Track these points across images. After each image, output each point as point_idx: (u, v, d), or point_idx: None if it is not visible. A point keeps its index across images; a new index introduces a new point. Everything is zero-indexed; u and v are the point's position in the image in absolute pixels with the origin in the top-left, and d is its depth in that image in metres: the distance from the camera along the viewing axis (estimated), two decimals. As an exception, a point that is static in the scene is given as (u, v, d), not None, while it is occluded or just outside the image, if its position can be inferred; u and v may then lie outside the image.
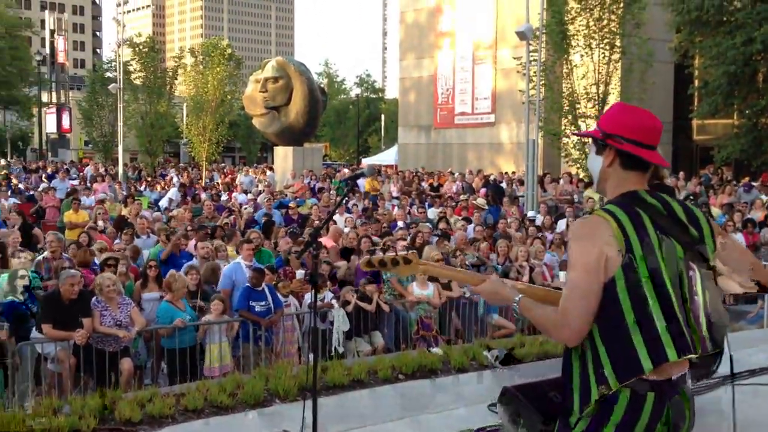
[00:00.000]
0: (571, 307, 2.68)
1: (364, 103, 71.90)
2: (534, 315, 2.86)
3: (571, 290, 2.70)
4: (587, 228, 2.74)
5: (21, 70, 51.36)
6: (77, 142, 62.00)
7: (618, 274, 2.64)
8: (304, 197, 20.64)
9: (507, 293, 2.99)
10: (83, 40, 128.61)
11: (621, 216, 2.70)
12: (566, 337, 2.73)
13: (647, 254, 2.66)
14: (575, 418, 2.78)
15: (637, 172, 2.83)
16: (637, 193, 2.79)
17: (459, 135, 37.21)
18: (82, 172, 29.75)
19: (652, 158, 2.80)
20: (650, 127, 2.82)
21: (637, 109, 2.88)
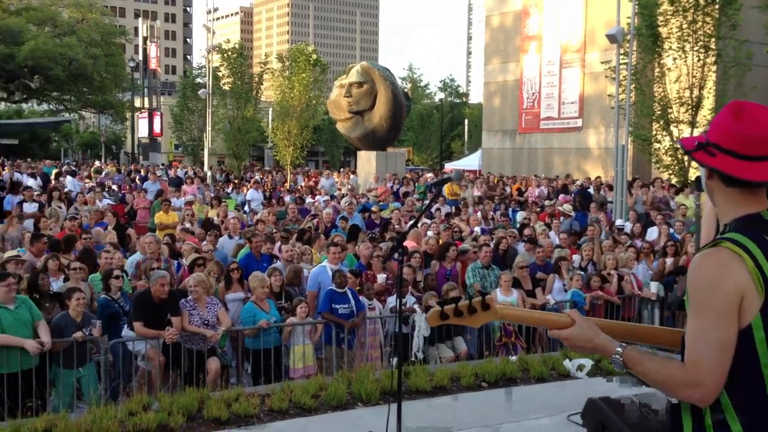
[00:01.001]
0: (704, 362, 2.23)
1: (448, 108, 71.73)
2: (647, 370, 2.37)
3: (701, 341, 2.25)
4: (716, 265, 2.26)
5: (115, 76, 53.25)
6: (167, 146, 63.97)
7: (756, 322, 2.22)
8: (386, 201, 20.71)
9: (605, 342, 2.49)
10: (174, 47, 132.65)
11: (754, 249, 2.24)
12: (699, 397, 2.27)
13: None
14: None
15: (746, 189, 2.35)
16: (761, 216, 2.34)
17: (545, 140, 36.68)
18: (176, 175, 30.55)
19: (752, 174, 2.29)
20: (750, 134, 2.31)
21: (747, 110, 2.35)
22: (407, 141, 65.75)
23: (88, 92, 51.52)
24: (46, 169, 30.10)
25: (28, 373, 7.23)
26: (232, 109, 40.62)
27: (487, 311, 2.73)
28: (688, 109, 24.27)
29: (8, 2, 51.38)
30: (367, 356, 9.18)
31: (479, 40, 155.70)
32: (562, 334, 2.57)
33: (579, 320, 2.56)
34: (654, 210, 17.69)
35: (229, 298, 9.51)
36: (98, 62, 49.11)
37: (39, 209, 15.94)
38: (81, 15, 52.09)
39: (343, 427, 6.45)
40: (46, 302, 8.26)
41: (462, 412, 6.99)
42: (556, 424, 6.50)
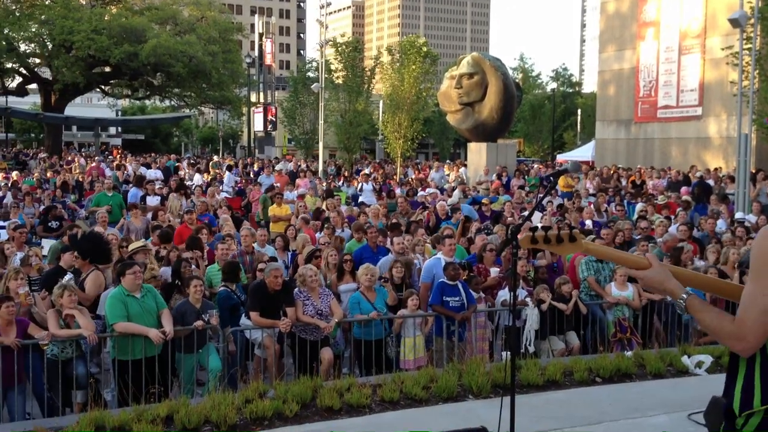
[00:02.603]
0: (750, 321, 2.52)
1: (560, 98, 70.30)
2: (704, 318, 2.69)
3: (751, 303, 2.54)
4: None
5: (232, 72, 54.72)
6: (281, 140, 65.51)
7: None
8: (497, 194, 20.53)
9: (674, 287, 2.80)
10: (288, 42, 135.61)
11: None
12: (740, 348, 2.59)
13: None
14: (741, 421, 2.62)
15: None
16: None
17: (662, 129, 35.40)
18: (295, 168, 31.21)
19: None
20: None
21: None
22: (518, 132, 64.89)
23: (206, 88, 53.21)
24: (169, 163, 31.43)
25: (152, 359, 7.58)
26: (344, 103, 41.17)
27: (574, 243, 3.08)
28: (815, 97, 22.95)
29: (132, 2, 53.80)
30: (476, 349, 9.17)
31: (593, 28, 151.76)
32: (638, 274, 2.88)
33: (656, 264, 2.86)
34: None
35: (341, 289, 9.70)
36: (216, 59, 50.66)
37: (161, 202, 16.68)
38: (200, 13, 53.85)
39: (454, 419, 6.46)
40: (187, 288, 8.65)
41: (576, 407, 6.88)
42: (674, 422, 6.31)
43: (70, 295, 7.60)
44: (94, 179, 23.78)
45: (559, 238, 3.07)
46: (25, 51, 49.75)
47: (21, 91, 52.64)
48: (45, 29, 47.53)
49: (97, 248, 9.25)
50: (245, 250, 11.00)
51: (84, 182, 23.79)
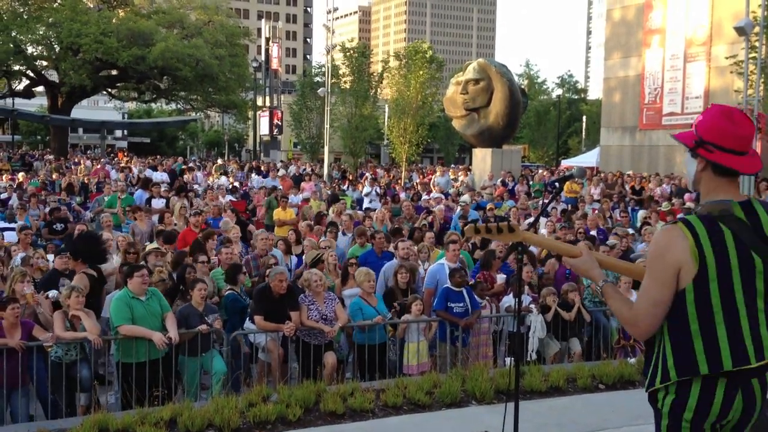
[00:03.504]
0: (642, 312, 2.99)
1: (565, 104, 70.29)
2: (612, 303, 3.14)
3: (644, 296, 2.99)
4: (666, 239, 2.96)
5: (239, 76, 54.88)
6: (287, 144, 65.62)
7: (689, 287, 2.90)
8: (501, 199, 20.55)
9: (597, 274, 3.29)
10: (295, 47, 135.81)
11: (701, 232, 2.89)
12: (635, 334, 3.09)
13: (721, 272, 2.87)
14: (662, 395, 3.04)
15: (729, 178, 3.01)
16: (728, 204, 2.96)
17: (667, 136, 35.38)
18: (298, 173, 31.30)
19: (742, 168, 2.96)
20: (743, 135, 2.95)
21: (734, 114, 2.99)
22: (523, 138, 64.88)
23: (213, 92, 53.39)
24: (177, 165, 31.53)
25: (155, 362, 7.59)
26: (350, 107, 41.23)
27: (512, 233, 3.46)
28: (820, 105, 22.91)
29: (140, 6, 53.99)
30: (480, 354, 9.18)
31: (599, 35, 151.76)
32: (570, 261, 3.37)
33: (585, 253, 3.35)
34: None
35: (346, 294, 9.72)
36: (223, 63, 50.83)
37: (166, 205, 16.72)
38: (207, 17, 54.06)
39: (457, 425, 6.48)
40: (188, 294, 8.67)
41: (579, 413, 6.89)
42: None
43: (77, 297, 7.63)
44: (100, 181, 23.86)
45: (499, 229, 3.43)
46: (33, 53, 50.00)
47: (28, 93, 52.88)
48: (52, 32, 47.77)
49: (91, 249, 9.11)
50: (260, 254, 11.00)
51: (90, 184, 23.86)
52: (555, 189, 5.26)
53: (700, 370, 2.90)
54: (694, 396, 2.94)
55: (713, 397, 2.92)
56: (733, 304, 2.89)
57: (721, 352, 2.88)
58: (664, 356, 2.99)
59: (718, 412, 2.93)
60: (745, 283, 2.90)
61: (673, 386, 2.98)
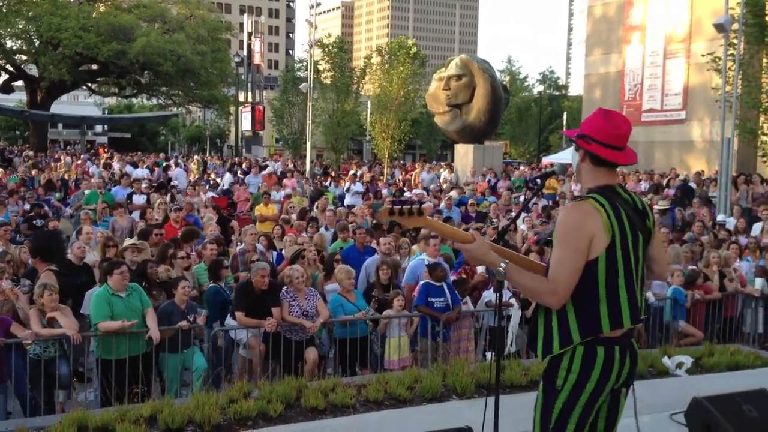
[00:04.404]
0: (562, 280, 3.24)
1: (547, 101, 70.56)
2: (521, 281, 3.35)
3: (563, 265, 3.25)
4: (580, 213, 3.29)
5: (221, 71, 54.55)
6: (269, 140, 65.40)
7: (602, 256, 3.25)
8: (483, 195, 20.62)
9: (493, 258, 3.43)
10: (277, 42, 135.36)
11: (608, 208, 3.28)
12: (554, 302, 3.30)
13: (622, 242, 3.28)
14: (563, 373, 3.33)
15: (607, 169, 3.41)
16: (614, 188, 3.39)
17: (646, 132, 35.63)
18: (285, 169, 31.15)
19: (616, 159, 3.36)
20: (618, 132, 3.35)
21: (612, 115, 3.40)
22: (505, 134, 65.06)
23: (194, 87, 53.07)
24: (161, 162, 31.38)
25: (135, 359, 7.55)
26: (332, 103, 41.15)
27: (420, 216, 3.62)
28: (797, 100, 23.21)
29: (121, 0, 53.58)
30: (461, 349, 9.21)
31: (580, 32, 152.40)
32: (463, 247, 3.51)
33: (478, 239, 3.51)
34: (759, 206, 17.02)
35: (328, 289, 9.73)
36: (205, 58, 50.54)
37: (147, 201, 16.64)
38: (189, 12, 53.72)
39: (438, 419, 6.49)
40: (153, 290, 8.66)
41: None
42: (655, 422, 6.36)
43: (50, 295, 7.54)
44: (78, 178, 23.69)
45: (410, 211, 3.59)
46: (12, 48, 49.46)
47: (7, 88, 52.29)
48: (32, 26, 47.27)
49: (48, 246, 8.96)
50: (248, 249, 10.99)
51: (69, 180, 23.69)
52: (536, 185, 5.35)
53: (603, 330, 3.25)
54: (599, 363, 3.28)
55: (613, 360, 3.28)
56: (630, 272, 3.31)
57: (622, 314, 3.28)
58: (565, 323, 3.30)
59: (617, 374, 3.30)
60: (635, 254, 3.34)
61: (578, 360, 3.29)
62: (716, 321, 10.83)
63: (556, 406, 3.37)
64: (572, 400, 3.33)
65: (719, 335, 10.64)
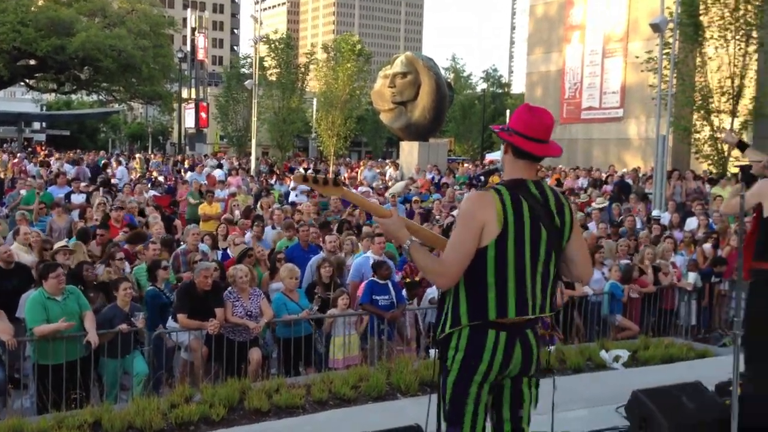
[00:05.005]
0: (453, 262, 3.38)
1: (490, 98, 71.25)
2: (419, 259, 3.48)
3: (453, 248, 3.39)
4: (477, 201, 3.42)
5: (163, 67, 53.76)
6: (213, 137, 64.66)
7: (491, 244, 3.36)
8: (427, 192, 20.77)
9: (402, 234, 3.57)
10: (222, 37, 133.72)
11: (506, 199, 3.38)
12: (442, 283, 3.47)
13: (517, 235, 3.37)
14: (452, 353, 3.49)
15: (527, 161, 3.50)
16: (525, 182, 3.47)
17: (585, 130, 36.30)
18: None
19: (536, 151, 3.45)
20: (538, 124, 3.44)
21: (536, 109, 3.50)
22: (449, 131, 65.53)
23: (136, 83, 52.18)
24: (100, 160, 30.77)
25: (73, 364, 7.38)
26: (277, 100, 40.88)
27: (336, 187, 3.74)
28: (728, 99, 23.95)
29: (60, -6, 52.38)
30: (405, 347, 9.28)
31: (523, 30, 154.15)
32: (380, 221, 3.66)
33: (395, 216, 3.65)
34: (692, 201, 17.54)
35: (273, 288, 9.70)
36: (147, 53, 49.72)
37: (86, 200, 16.32)
38: (130, 6, 52.77)
39: (383, 418, 6.52)
40: (90, 292, 8.48)
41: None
42: (593, 415, 6.51)
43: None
44: (15, 177, 23.11)
45: (325, 181, 3.70)
46: (-55, 42, 47.95)
47: (-60, 83, 50.74)
48: (-33, 20, 45.91)
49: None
50: (189, 249, 10.87)
51: (6, 180, 23.08)
52: (480, 182, 5.48)
53: (489, 316, 3.38)
54: (487, 346, 3.41)
55: (497, 345, 3.42)
56: (522, 264, 3.39)
57: (508, 303, 3.39)
58: (456, 305, 3.45)
59: (501, 361, 3.43)
60: (533, 248, 3.41)
61: (465, 340, 3.45)
62: (651, 314, 11.15)
63: (448, 385, 3.52)
64: (463, 380, 3.47)
65: (654, 328, 10.96)
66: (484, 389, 3.49)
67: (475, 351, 3.43)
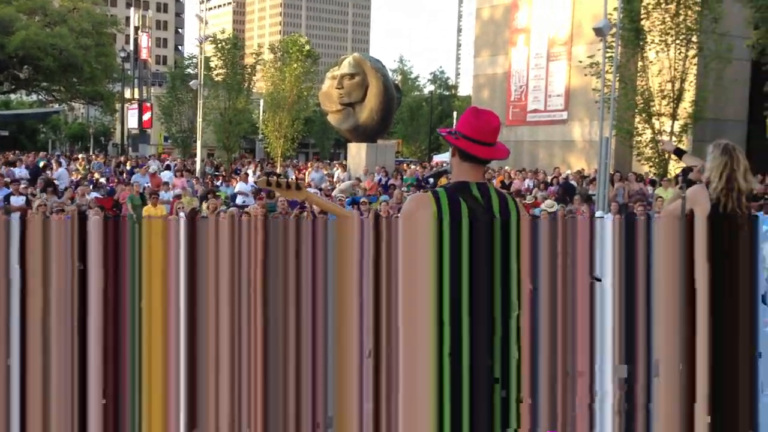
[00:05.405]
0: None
1: (437, 100, 71.80)
2: None
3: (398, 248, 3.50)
4: (415, 203, 3.51)
5: (106, 66, 52.91)
6: (157, 138, 63.89)
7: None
8: (376, 194, 20.84)
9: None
10: (166, 37, 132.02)
11: (443, 201, 3.42)
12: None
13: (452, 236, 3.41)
14: None
15: (473, 164, 3.52)
16: (468, 184, 3.49)
17: (531, 132, 36.87)
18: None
19: (482, 154, 3.49)
20: (485, 127, 3.48)
21: (482, 112, 3.55)
22: (397, 133, 65.87)
23: (77, 83, 51.22)
24: (39, 161, 30.11)
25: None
26: (223, 101, 40.56)
27: (299, 191, 3.84)
28: (669, 102, 24.57)
29: (-2, -9, 51.18)
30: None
31: (469, 33, 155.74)
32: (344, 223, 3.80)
33: (355, 218, 3.85)
34: (635, 202, 17.95)
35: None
36: (89, 53, 48.86)
37: (26, 202, 15.99)
38: (72, 4, 51.79)
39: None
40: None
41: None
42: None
43: None
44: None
45: (288, 185, 3.78)
46: None
47: None
48: None
49: None
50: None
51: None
52: (429, 184, 5.57)
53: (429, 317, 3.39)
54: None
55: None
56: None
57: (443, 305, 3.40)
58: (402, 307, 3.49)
59: None
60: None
61: None
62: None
63: None
64: None
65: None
66: None
67: None
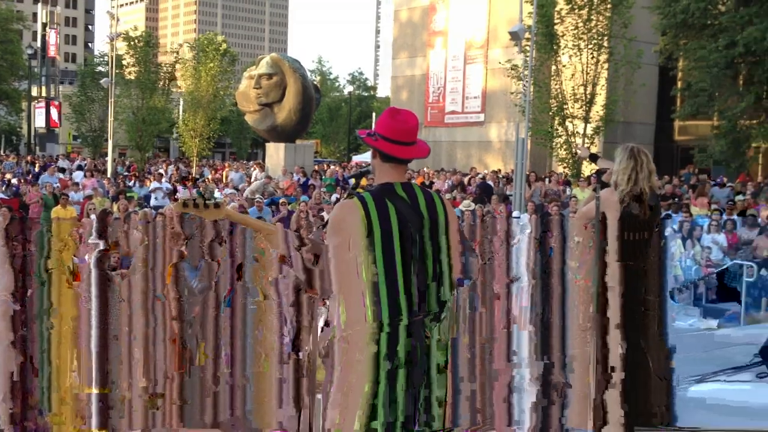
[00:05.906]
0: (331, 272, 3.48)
1: (356, 101, 71.89)
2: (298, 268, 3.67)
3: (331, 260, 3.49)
4: (342, 210, 3.49)
5: (12, 64, 51.03)
6: (66, 137, 61.84)
7: (360, 250, 3.39)
8: (295, 194, 20.67)
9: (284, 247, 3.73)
10: (75, 33, 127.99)
11: (370, 205, 3.41)
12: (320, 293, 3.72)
13: (385, 240, 3.40)
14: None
15: (394, 164, 3.52)
16: (392, 186, 3.49)
17: (449, 133, 37.31)
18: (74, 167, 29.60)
19: (400, 154, 3.49)
20: (402, 127, 3.48)
21: (399, 112, 3.56)
22: (316, 133, 65.63)
23: (-19, 81, 49.27)
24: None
25: None
26: (136, 99, 39.56)
27: (218, 209, 3.77)
28: (582, 105, 25.25)
29: None
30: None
31: (387, 35, 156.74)
32: (267, 238, 3.82)
33: (280, 231, 3.75)
34: (550, 202, 18.33)
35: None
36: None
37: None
38: (-26, -1, 49.81)
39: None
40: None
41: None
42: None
43: None
44: None
45: (205, 205, 3.71)
46: None
47: None
48: None
49: None
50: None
51: None
52: (350, 185, 5.46)
53: (368, 320, 3.41)
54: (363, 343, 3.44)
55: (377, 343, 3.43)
56: (393, 268, 3.41)
57: (381, 307, 3.41)
58: (338, 313, 3.49)
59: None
60: (403, 250, 3.43)
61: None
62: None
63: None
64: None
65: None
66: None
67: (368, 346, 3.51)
